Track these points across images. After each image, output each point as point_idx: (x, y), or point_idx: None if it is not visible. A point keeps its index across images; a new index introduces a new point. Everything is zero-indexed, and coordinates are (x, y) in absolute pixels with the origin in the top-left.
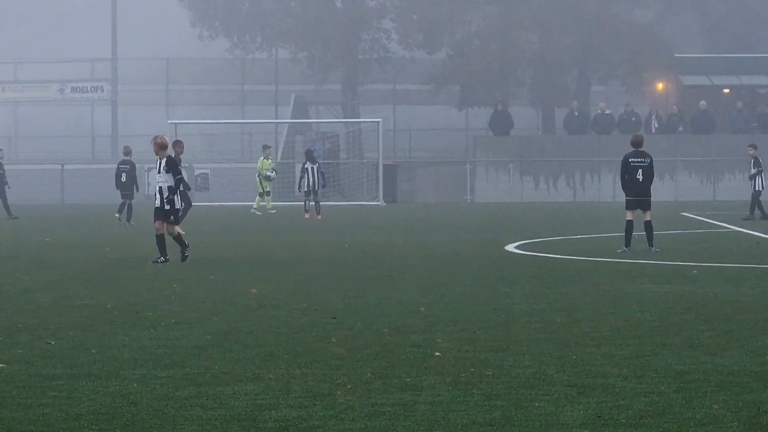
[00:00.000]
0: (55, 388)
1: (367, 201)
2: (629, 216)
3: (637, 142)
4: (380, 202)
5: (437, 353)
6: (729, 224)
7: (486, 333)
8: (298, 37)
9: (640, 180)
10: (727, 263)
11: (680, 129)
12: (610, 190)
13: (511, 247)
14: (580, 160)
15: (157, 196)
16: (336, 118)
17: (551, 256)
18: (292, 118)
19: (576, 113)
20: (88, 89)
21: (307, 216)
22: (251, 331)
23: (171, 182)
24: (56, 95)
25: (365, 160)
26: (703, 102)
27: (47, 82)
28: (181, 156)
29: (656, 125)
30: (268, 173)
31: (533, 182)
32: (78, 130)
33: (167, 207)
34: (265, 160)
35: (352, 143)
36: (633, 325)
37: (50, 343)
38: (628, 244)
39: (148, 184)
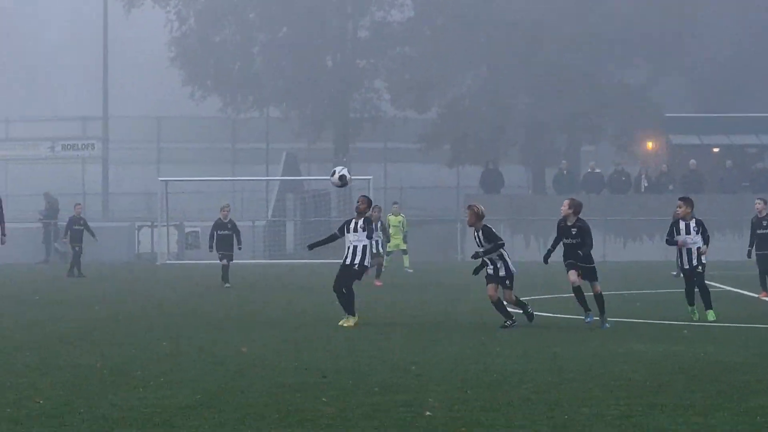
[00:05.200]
0: None
1: None
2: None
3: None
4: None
5: (428, 413)
6: (720, 284)
7: (477, 393)
8: (290, 97)
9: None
10: (717, 323)
11: (670, 188)
12: (600, 248)
13: None
14: None
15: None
16: (327, 176)
17: (542, 314)
18: (283, 176)
19: (565, 172)
20: (79, 147)
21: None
22: (241, 390)
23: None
24: (47, 153)
25: None
26: (692, 161)
27: (38, 140)
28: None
29: (646, 184)
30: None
31: (524, 241)
32: (69, 189)
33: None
34: (393, 216)
35: (342, 201)
36: (623, 386)
37: (39, 402)
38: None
39: (139, 242)
